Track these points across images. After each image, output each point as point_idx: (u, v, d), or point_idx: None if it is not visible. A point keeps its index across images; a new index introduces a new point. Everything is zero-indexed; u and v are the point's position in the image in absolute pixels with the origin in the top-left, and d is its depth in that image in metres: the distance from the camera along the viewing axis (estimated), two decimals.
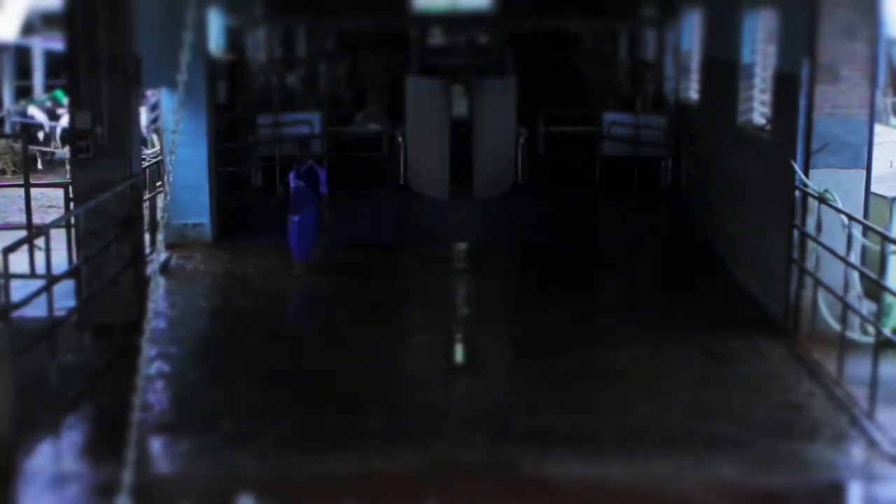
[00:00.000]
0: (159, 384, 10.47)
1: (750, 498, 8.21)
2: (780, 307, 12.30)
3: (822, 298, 11.42)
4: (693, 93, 20.40)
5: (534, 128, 21.74)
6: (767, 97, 14.37)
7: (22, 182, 14.73)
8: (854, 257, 11.02)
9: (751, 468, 8.67)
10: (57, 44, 24.02)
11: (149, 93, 22.70)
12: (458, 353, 12.11)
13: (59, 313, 10.24)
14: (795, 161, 11.91)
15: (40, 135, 24.94)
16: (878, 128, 12.79)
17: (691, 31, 20.78)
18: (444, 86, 20.50)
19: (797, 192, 11.84)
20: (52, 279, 10.20)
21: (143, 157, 15.39)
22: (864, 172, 11.73)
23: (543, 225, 18.38)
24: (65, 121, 23.34)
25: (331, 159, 20.88)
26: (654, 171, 21.25)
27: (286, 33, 27.58)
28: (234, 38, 21.12)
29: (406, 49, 26.39)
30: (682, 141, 20.46)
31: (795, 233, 11.82)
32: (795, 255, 11.87)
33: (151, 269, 9.23)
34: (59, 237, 11.57)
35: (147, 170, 15.18)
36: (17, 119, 25.26)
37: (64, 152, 22.27)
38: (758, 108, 15.11)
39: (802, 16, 11.97)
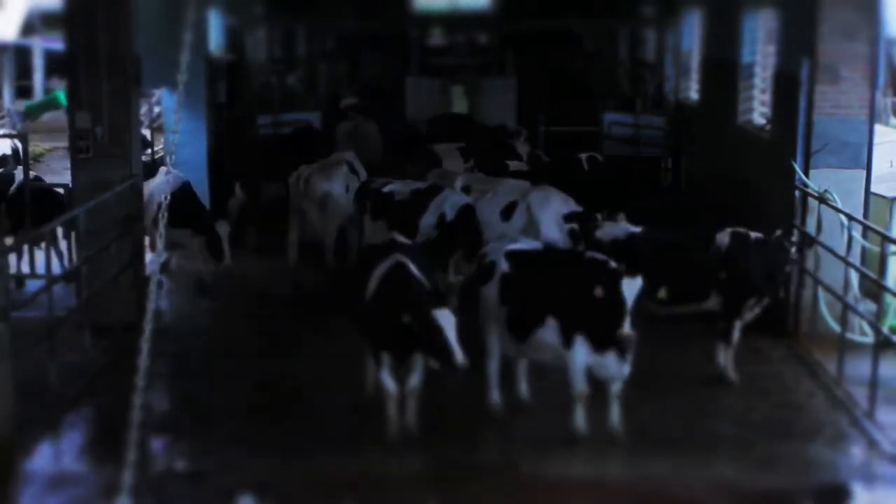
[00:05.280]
0: (159, 384, 10.48)
1: (750, 498, 8.21)
2: (780, 307, 12.28)
3: (822, 298, 11.42)
4: (693, 93, 20.41)
5: (534, 127, 21.73)
6: (767, 97, 14.37)
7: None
8: (853, 257, 11.03)
9: (751, 468, 8.67)
10: (57, 44, 23.99)
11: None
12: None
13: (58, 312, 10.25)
14: (795, 161, 11.91)
15: None
16: (878, 128, 12.79)
17: (691, 31, 20.79)
18: (444, 86, 20.52)
19: (797, 192, 11.84)
20: (52, 279, 10.20)
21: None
22: (864, 172, 11.73)
23: None
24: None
25: None
26: (654, 171, 21.24)
27: (286, 33, 27.59)
28: (234, 38, 21.12)
29: (406, 49, 26.39)
30: (682, 141, 20.47)
31: (795, 233, 11.82)
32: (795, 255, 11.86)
33: (151, 269, 9.26)
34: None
35: None
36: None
37: None
38: (758, 108, 15.12)
39: (802, 16, 11.98)
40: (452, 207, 12.22)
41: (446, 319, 8.53)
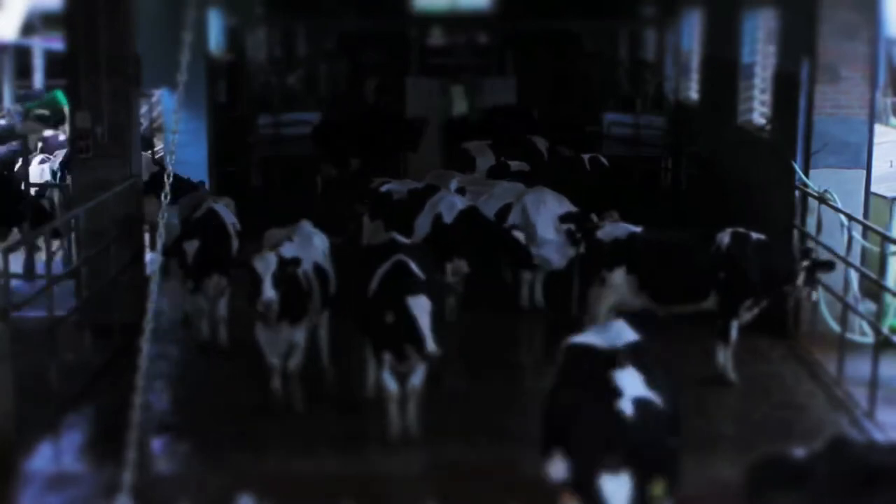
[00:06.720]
0: (159, 384, 10.48)
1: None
2: (780, 307, 12.28)
3: (823, 298, 11.41)
4: (693, 93, 20.41)
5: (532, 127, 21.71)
6: (767, 97, 14.37)
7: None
8: (853, 257, 11.02)
9: None
10: (57, 44, 23.98)
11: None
12: (458, 353, 12.08)
13: (58, 313, 10.24)
14: (795, 161, 11.91)
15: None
16: (878, 128, 12.79)
17: (691, 31, 20.79)
18: (444, 86, 20.52)
19: (797, 192, 11.84)
20: (52, 279, 10.20)
21: None
22: (864, 172, 11.73)
23: None
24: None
25: None
26: (654, 171, 21.24)
27: (286, 33, 27.59)
28: (234, 38, 21.12)
29: (406, 49, 26.39)
30: (682, 141, 20.47)
31: (795, 233, 11.82)
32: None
33: (151, 269, 9.26)
34: None
35: None
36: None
37: None
38: (758, 108, 15.12)
39: (802, 16, 11.97)
40: (448, 209, 12.17)
41: (420, 306, 8.42)
